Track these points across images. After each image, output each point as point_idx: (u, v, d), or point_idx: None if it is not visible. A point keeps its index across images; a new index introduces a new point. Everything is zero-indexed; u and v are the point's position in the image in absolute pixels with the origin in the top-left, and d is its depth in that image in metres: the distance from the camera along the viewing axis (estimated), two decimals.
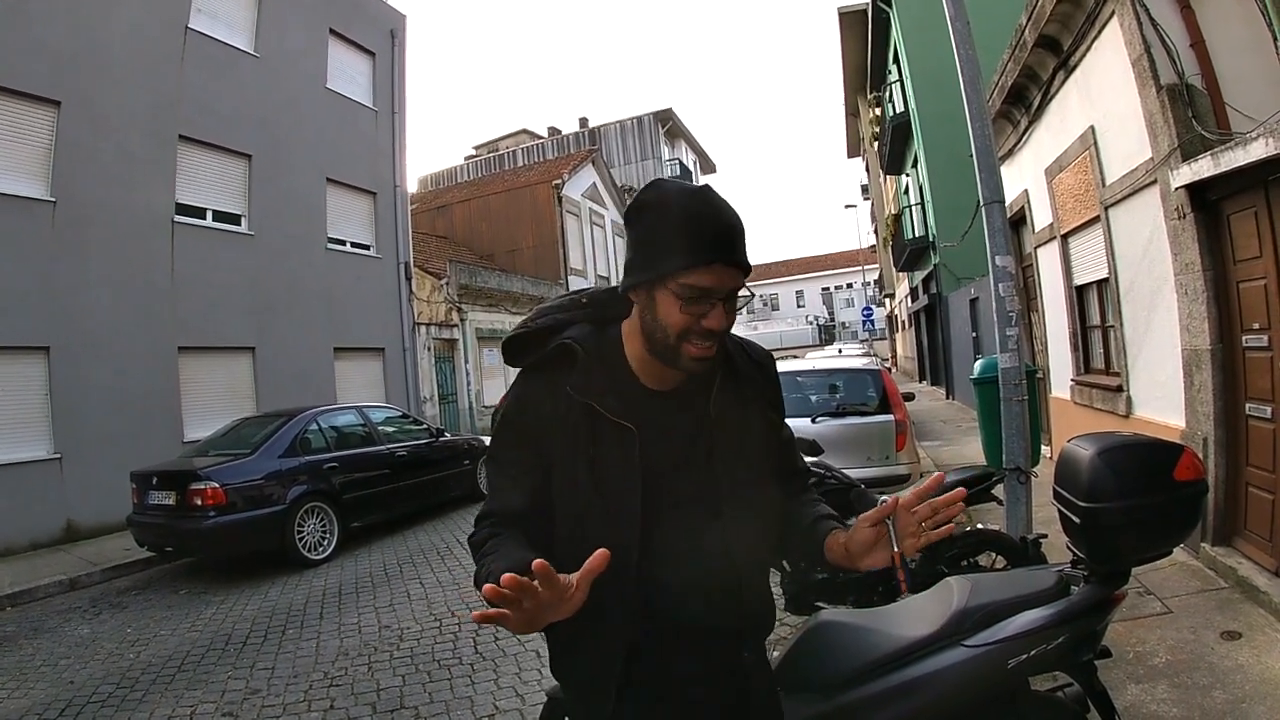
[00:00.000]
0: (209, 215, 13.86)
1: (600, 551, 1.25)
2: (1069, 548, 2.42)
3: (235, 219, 14.41)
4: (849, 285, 68.99)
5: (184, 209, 13.22)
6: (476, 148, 44.77)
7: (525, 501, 1.58)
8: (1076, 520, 2.29)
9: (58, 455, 10.81)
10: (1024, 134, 9.55)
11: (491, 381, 22.30)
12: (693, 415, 1.60)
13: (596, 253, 30.92)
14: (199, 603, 7.46)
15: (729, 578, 1.59)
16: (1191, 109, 5.40)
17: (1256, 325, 4.93)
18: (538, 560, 1.18)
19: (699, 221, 1.46)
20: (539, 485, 1.57)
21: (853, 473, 5.52)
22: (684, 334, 1.48)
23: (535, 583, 1.17)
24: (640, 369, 1.60)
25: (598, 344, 1.61)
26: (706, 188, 1.54)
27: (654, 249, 1.48)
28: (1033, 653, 2.15)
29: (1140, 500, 2.19)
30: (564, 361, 1.57)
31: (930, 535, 1.48)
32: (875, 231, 44.16)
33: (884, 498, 1.52)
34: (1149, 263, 6.31)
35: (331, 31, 17.05)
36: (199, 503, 8.02)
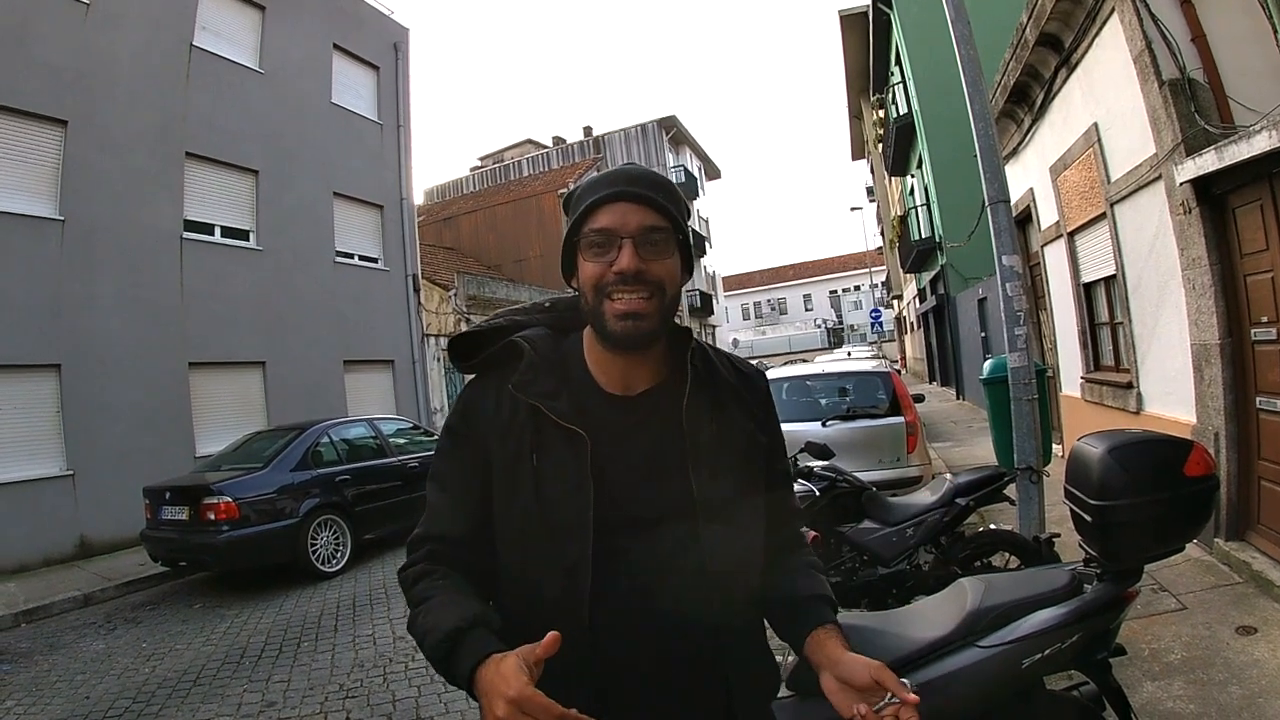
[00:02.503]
0: (217, 231, 13.93)
1: (552, 635, 1.11)
2: (1081, 546, 2.42)
3: (243, 234, 14.48)
4: (856, 288, 68.84)
5: (192, 225, 13.29)
6: (482, 159, 44.89)
7: (465, 525, 1.43)
8: (1088, 518, 2.30)
9: (70, 472, 10.85)
10: (1028, 132, 9.55)
11: None
12: (660, 423, 1.42)
13: None
14: (213, 617, 7.49)
15: (709, 617, 1.36)
16: (1194, 103, 5.39)
17: (1265, 318, 4.92)
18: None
19: (603, 175, 1.41)
20: (482, 505, 1.42)
21: (864, 475, 5.52)
22: (601, 289, 1.35)
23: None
24: (600, 372, 1.45)
25: (554, 346, 1.49)
26: (631, 162, 1.49)
27: (571, 220, 1.42)
28: (1047, 652, 2.15)
29: (1151, 497, 2.19)
30: (511, 362, 1.44)
31: None
32: (881, 233, 44.09)
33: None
34: (1156, 258, 6.30)
35: (335, 46, 17.13)
36: (212, 517, 8.05)
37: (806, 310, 74.33)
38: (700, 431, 1.41)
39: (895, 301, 44.02)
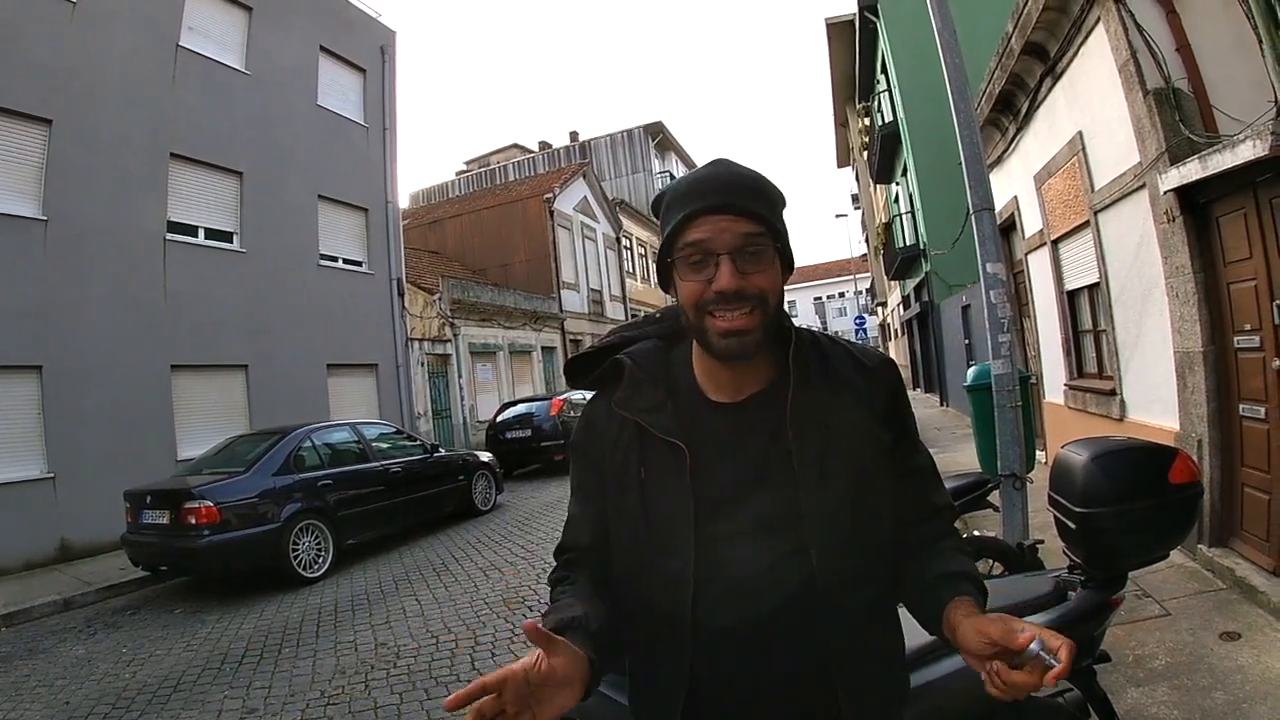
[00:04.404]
0: (201, 233, 13.87)
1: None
2: (1066, 553, 2.42)
3: (228, 236, 14.41)
4: (841, 295, 69.05)
5: (176, 227, 13.23)
6: (468, 163, 44.89)
7: (593, 534, 1.47)
8: (1073, 526, 2.29)
9: (51, 474, 10.77)
10: (1012, 141, 9.59)
11: (485, 396, 22.27)
12: (765, 430, 1.36)
13: (589, 266, 30.95)
14: (194, 622, 7.42)
15: (817, 632, 1.31)
16: (1179, 113, 5.43)
17: (1248, 326, 4.95)
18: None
19: (694, 181, 1.34)
20: (605, 515, 1.46)
21: None
22: (701, 307, 1.30)
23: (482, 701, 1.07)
24: (707, 380, 1.42)
25: (662, 359, 1.47)
26: (721, 158, 1.39)
27: (664, 229, 1.36)
28: None
29: (1136, 504, 2.19)
30: (618, 379, 1.44)
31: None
32: (866, 240, 44.25)
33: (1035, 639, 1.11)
34: (1139, 266, 6.33)
35: (322, 49, 17.09)
36: (193, 521, 7.98)
37: (792, 317, 74.32)
38: (808, 436, 1.34)
39: (879, 308, 44.18)
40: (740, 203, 1.30)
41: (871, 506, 1.37)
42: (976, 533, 5.16)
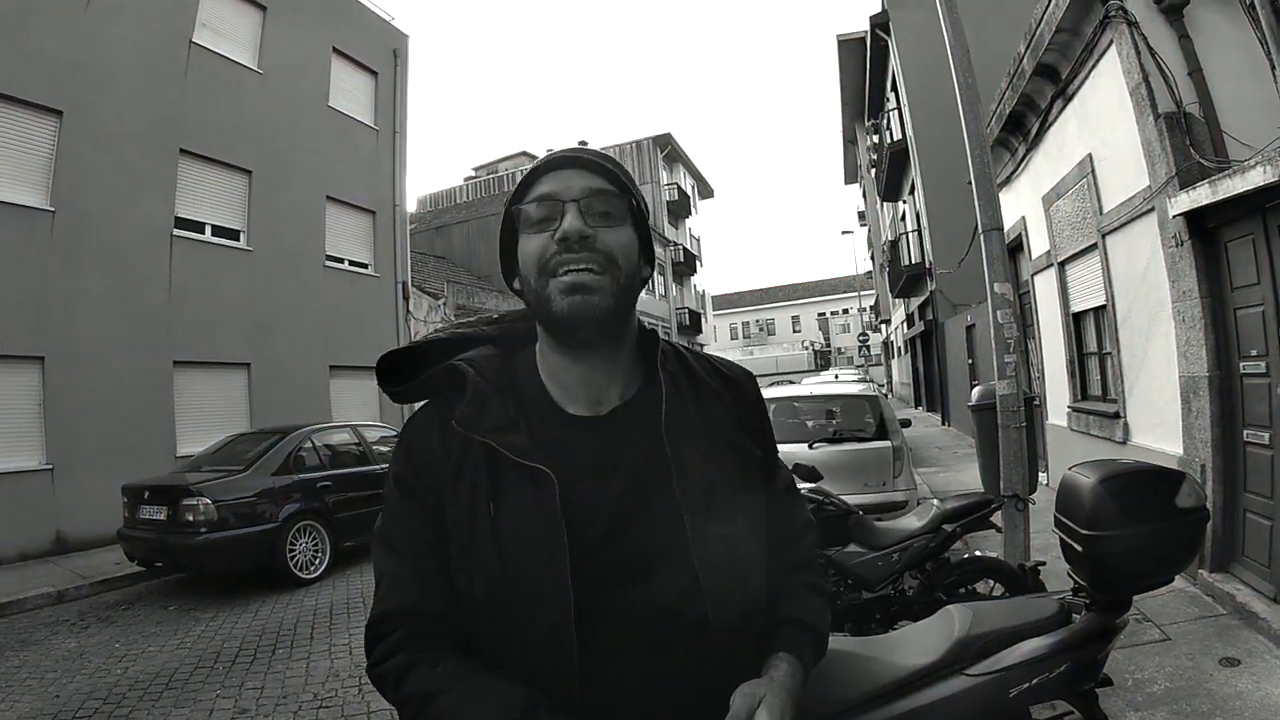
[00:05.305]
0: (208, 230, 13.86)
1: None
2: (1070, 575, 2.40)
3: (234, 234, 14.41)
4: (845, 311, 69.07)
5: (183, 223, 13.23)
6: (476, 169, 44.97)
7: (440, 595, 1.18)
8: (1078, 548, 2.28)
9: (49, 466, 10.75)
10: (1022, 161, 9.60)
11: None
12: (638, 446, 1.20)
13: None
14: (188, 619, 7.39)
15: (717, 673, 1.16)
16: (1189, 137, 5.43)
17: (1254, 352, 4.94)
18: None
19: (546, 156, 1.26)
20: (448, 567, 1.19)
21: (850, 499, 5.50)
22: (544, 266, 1.16)
23: None
24: (559, 389, 1.25)
25: (504, 367, 1.28)
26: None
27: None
28: (1035, 681, 2.13)
29: (1143, 528, 2.17)
30: (454, 390, 1.22)
31: None
32: (872, 258, 44.34)
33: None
34: (1146, 290, 6.32)
35: (334, 50, 17.12)
36: (190, 518, 7.96)
37: (795, 332, 74.45)
38: (686, 451, 1.20)
39: (883, 325, 44.19)
40: (591, 157, 1.22)
41: (756, 529, 1.26)
42: (978, 553, 5.15)
